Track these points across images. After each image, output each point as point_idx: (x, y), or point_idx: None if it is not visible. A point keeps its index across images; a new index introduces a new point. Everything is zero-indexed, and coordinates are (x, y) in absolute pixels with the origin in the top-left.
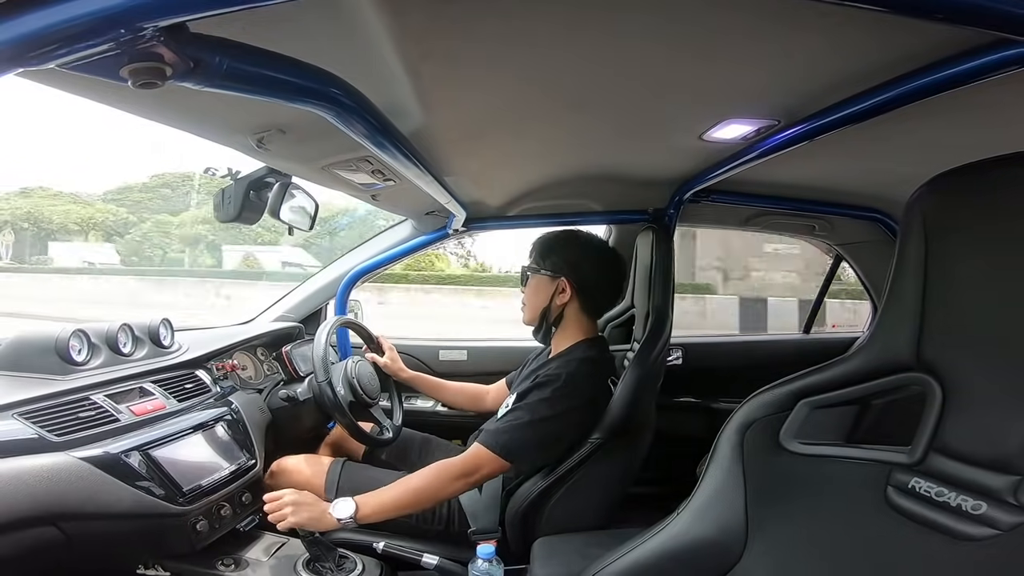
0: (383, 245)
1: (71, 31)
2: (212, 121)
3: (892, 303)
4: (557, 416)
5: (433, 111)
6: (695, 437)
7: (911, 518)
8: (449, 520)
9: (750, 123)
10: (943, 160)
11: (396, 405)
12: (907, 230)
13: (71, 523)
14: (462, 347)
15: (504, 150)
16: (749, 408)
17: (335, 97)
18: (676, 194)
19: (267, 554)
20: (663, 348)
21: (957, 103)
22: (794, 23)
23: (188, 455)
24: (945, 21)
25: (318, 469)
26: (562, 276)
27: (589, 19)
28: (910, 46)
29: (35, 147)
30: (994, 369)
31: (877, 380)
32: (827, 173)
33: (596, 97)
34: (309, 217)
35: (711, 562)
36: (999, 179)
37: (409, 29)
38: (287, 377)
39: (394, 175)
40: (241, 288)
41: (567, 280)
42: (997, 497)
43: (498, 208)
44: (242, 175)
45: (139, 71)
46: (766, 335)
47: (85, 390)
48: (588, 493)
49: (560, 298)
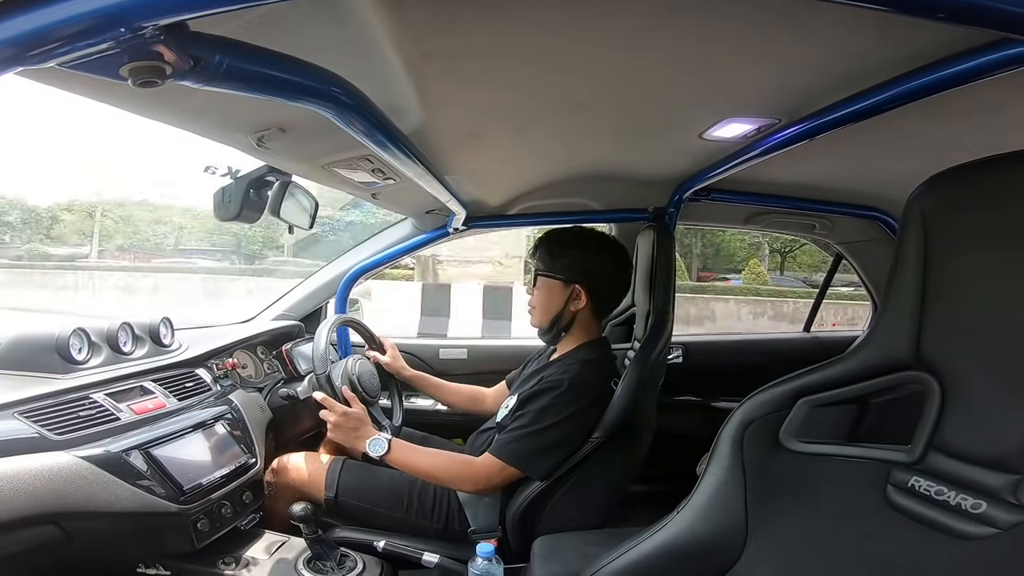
0: (383, 243)
1: (71, 30)
2: (212, 120)
3: (891, 302)
4: (562, 421)
5: (433, 110)
6: (695, 436)
7: (911, 517)
8: (449, 519)
9: (750, 122)
10: (943, 159)
11: (396, 404)
12: (907, 229)
13: (72, 522)
14: (462, 346)
15: (504, 149)
16: (749, 407)
17: (335, 96)
18: (676, 193)
19: (268, 553)
20: (664, 347)
21: (957, 102)
22: (795, 22)
23: (189, 454)
24: (946, 20)
25: (318, 467)
26: (577, 283)
27: (589, 18)
28: (911, 45)
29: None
30: (993, 368)
31: (876, 379)
32: (827, 172)
33: (596, 96)
34: (309, 216)
35: (711, 561)
36: (999, 178)
37: (409, 28)
38: (287, 376)
39: (394, 174)
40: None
41: (582, 287)
42: (996, 496)
43: (498, 207)
44: (242, 174)
45: (139, 70)
46: (766, 334)
47: (85, 389)
48: (588, 492)
49: (575, 304)
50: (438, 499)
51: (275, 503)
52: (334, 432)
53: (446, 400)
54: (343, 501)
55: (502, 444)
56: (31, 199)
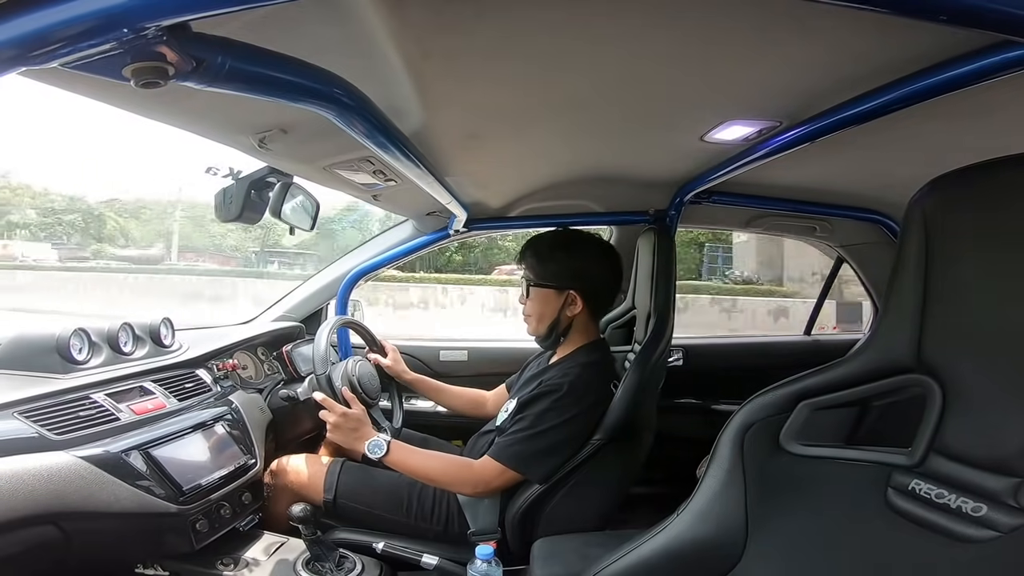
0: (384, 245)
1: (74, 30)
2: (214, 121)
3: (892, 305)
4: (562, 424)
5: (434, 111)
6: (695, 438)
7: (911, 520)
8: (448, 520)
9: (751, 124)
10: (944, 162)
11: (396, 406)
12: (908, 232)
13: (71, 522)
14: (463, 348)
15: (505, 151)
16: (749, 410)
17: (336, 97)
18: (677, 195)
19: (267, 554)
20: (664, 349)
21: (959, 105)
22: (796, 24)
23: (188, 454)
24: (947, 23)
25: (318, 469)
26: (571, 289)
27: (590, 19)
28: (912, 47)
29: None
30: (994, 371)
31: (877, 382)
32: (828, 175)
33: (597, 97)
34: (310, 217)
35: (711, 563)
36: (1000, 181)
37: (410, 28)
38: (287, 377)
39: (395, 175)
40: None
41: (576, 292)
42: (997, 499)
43: (499, 209)
44: (243, 175)
45: (141, 70)
46: (767, 337)
47: (85, 389)
48: (588, 494)
49: (571, 310)
50: (437, 501)
51: (274, 504)
52: (334, 433)
53: (446, 403)
54: (342, 504)
55: (502, 447)
56: (91, 198)
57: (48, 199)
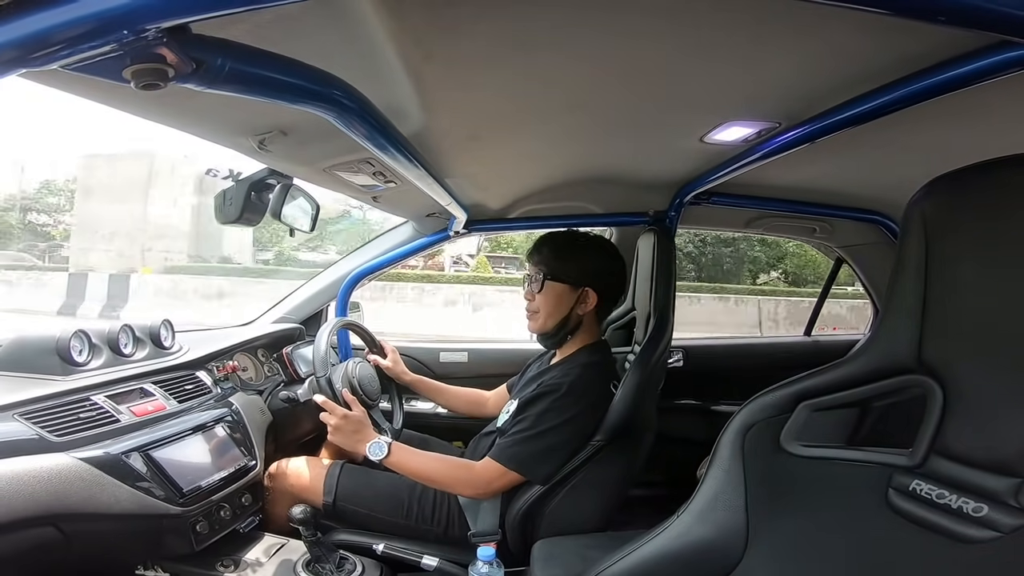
0: (384, 247)
1: (74, 32)
2: (213, 122)
3: (893, 305)
4: (562, 425)
5: (434, 112)
6: (696, 439)
7: (912, 520)
8: (449, 522)
9: (751, 125)
10: (944, 162)
11: (396, 408)
12: (908, 232)
13: (71, 523)
14: (463, 349)
15: (505, 152)
16: (750, 410)
17: (336, 99)
18: (677, 196)
19: (267, 555)
20: (664, 350)
21: (958, 105)
22: (795, 25)
23: (188, 456)
24: (946, 23)
25: (318, 471)
26: (586, 286)
27: (590, 21)
28: (911, 48)
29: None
30: (995, 371)
31: (878, 382)
32: (828, 175)
33: (597, 99)
34: (310, 218)
35: (712, 564)
36: (999, 181)
37: (410, 31)
38: (288, 378)
39: (395, 177)
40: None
41: (592, 289)
42: (998, 499)
43: (499, 210)
44: (243, 176)
45: (141, 72)
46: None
47: (86, 391)
48: (588, 495)
49: (582, 307)
50: (438, 503)
51: (274, 506)
52: (334, 435)
53: (446, 404)
54: (342, 506)
55: (502, 448)
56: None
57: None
